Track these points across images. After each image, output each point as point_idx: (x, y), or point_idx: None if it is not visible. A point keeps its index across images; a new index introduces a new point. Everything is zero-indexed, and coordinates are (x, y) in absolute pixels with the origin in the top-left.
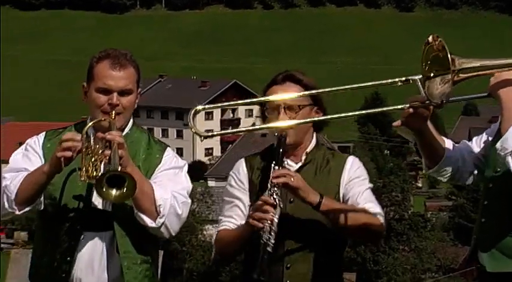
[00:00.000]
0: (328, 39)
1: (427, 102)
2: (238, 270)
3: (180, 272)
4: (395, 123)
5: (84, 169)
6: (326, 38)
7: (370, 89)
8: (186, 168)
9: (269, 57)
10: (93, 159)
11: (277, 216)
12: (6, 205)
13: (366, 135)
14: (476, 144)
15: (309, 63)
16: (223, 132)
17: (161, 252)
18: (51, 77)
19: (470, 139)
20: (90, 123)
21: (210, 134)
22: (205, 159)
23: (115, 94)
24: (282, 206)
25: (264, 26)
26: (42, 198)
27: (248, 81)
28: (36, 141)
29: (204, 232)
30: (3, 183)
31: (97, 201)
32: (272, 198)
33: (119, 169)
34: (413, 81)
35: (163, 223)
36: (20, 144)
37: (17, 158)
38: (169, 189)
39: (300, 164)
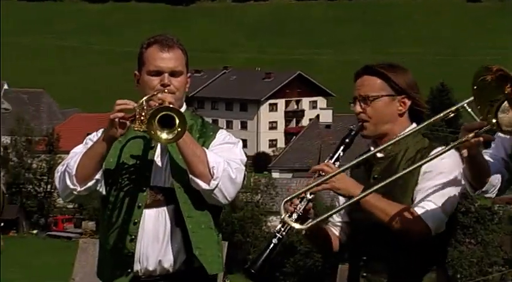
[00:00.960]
0: (393, 30)
1: (491, 128)
2: (302, 261)
3: (245, 263)
4: (464, 154)
5: (137, 122)
6: (391, 29)
7: (436, 79)
8: (240, 144)
9: (333, 48)
10: (142, 118)
11: (300, 210)
12: (68, 182)
13: (431, 127)
14: (497, 147)
15: (373, 54)
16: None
17: (225, 243)
18: (117, 68)
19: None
20: (144, 98)
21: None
22: (269, 151)
23: (166, 75)
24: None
25: (328, 17)
26: (103, 180)
27: (312, 72)
28: (95, 135)
29: (268, 223)
30: (63, 167)
31: (156, 179)
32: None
33: (170, 106)
34: (466, 106)
35: (217, 185)
36: (88, 134)
37: (77, 151)
38: (222, 156)
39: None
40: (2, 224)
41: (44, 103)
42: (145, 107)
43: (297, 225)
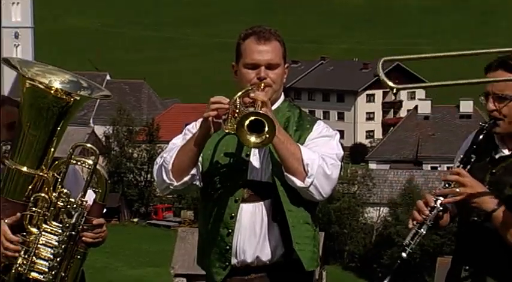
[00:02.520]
0: (493, 20)
1: None
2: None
3: (341, 254)
4: None
5: (229, 124)
6: (490, 18)
7: None
8: (337, 137)
9: (432, 38)
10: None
11: (431, 220)
12: (165, 177)
13: None
14: None
15: (473, 45)
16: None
17: (322, 234)
18: (215, 59)
19: None
20: (239, 93)
21: (400, 86)
22: (366, 142)
23: (262, 68)
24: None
25: (425, 6)
26: (199, 175)
27: (411, 63)
28: (194, 126)
29: (365, 215)
30: (160, 161)
31: (253, 174)
32: (435, 200)
33: (260, 111)
34: None
35: (312, 183)
36: (187, 125)
37: (176, 141)
38: (317, 152)
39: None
40: (105, 210)
41: (144, 94)
42: (238, 105)
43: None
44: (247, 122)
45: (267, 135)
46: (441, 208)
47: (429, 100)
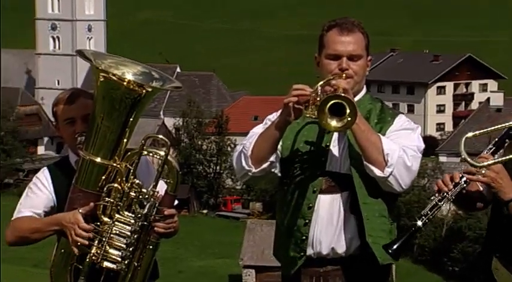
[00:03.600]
0: None
1: None
2: (471, 247)
3: (411, 247)
4: None
5: (310, 110)
6: None
7: None
8: (419, 130)
9: (507, 30)
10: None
11: (452, 196)
12: (244, 163)
13: None
14: None
15: None
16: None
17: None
18: (285, 52)
19: None
20: (320, 82)
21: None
22: (436, 135)
23: (344, 59)
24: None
25: None
26: (278, 163)
27: (483, 55)
28: (274, 116)
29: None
30: (240, 147)
31: (332, 165)
32: (461, 177)
33: (342, 94)
34: None
35: (391, 173)
36: (255, 118)
37: (257, 131)
38: (398, 143)
39: None
40: (176, 202)
41: (214, 86)
42: (319, 93)
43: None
44: (328, 106)
45: (349, 119)
46: (464, 185)
47: (501, 92)
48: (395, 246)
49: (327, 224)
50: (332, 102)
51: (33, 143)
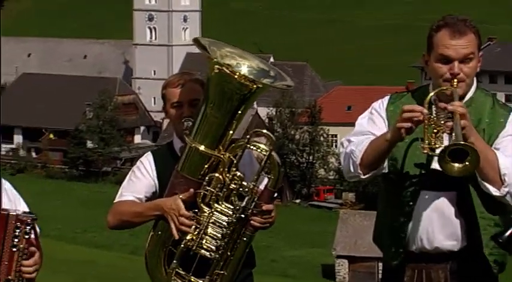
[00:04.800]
0: None
1: None
2: None
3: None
4: None
5: (426, 141)
6: None
7: None
8: None
9: None
10: (435, 131)
11: None
12: (352, 169)
13: None
14: None
15: None
16: None
17: None
18: (378, 42)
19: None
20: (432, 93)
21: None
22: None
23: (456, 63)
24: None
25: None
26: (385, 163)
27: None
28: (380, 105)
29: None
30: (348, 149)
31: (437, 163)
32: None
33: (462, 142)
34: None
35: (508, 192)
36: (348, 108)
37: (362, 121)
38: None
39: None
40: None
41: (307, 76)
42: (433, 116)
43: None
44: (448, 151)
45: (469, 164)
46: None
47: None
48: (506, 234)
49: (429, 222)
50: (452, 148)
51: (130, 132)
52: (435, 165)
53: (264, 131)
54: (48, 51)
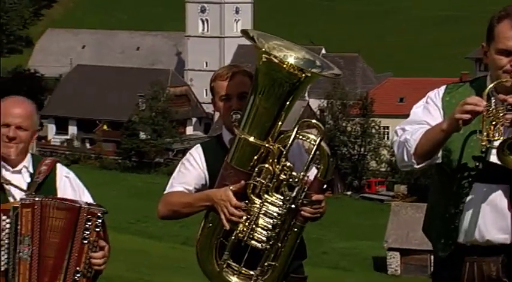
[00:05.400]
0: None
1: None
2: None
3: None
4: None
5: (484, 133)
6: None
7: None
8: None
9: None
10: (493, 123)
11: None
12: (406, 158)
13: None
14: None
15: None
16: None
17: None
18: (429, 33)
19: None
20: (491, 85)
21: None
22: None
23: None
24: None
25: None
26: (439, 153)
27: None
28: (436, 94)
29: None
30: (403, 138)
31: (493, 155)
32: None
33: None
34: None
35: None
36: (401, 100)
37: (418, 111)
38: None
39: None
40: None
41: (359, 67)
42: (492, 108)
43: None
44: (507, 144)
45: None
46: None
47: None
48: None
49: (482, 214)
50: (510, 141)
51: (182, 124)
52: (491, 157)
53: (313, 120)
54: (102, 43)
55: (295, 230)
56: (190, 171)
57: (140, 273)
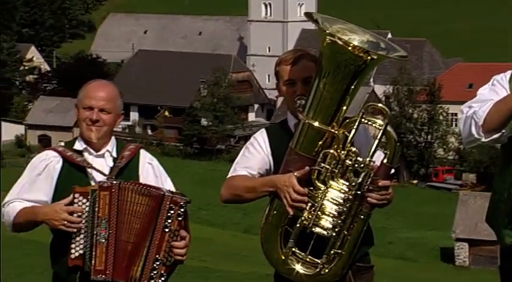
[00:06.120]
0: None
1: None
2: None
3: None
4: None
5: None
6: None
7: None
8: None
9: None
10: None
11: None
12: (474, 131)
13: None
14: None
15: None
16: None
17: None
18: (500, 17)
19: None
20: None
21: None
22: None
23: None
24: None
25: None
26: (507, 129)
27: None
28: (503, 77)
29: None
30: (470, 112)
31: None
32: None
33: None
34: None
35: None
36: (470, 86)
37: (484, 91)
38: None
39: None
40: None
41: (426, 52)
42: None
43: None
44: None
45: None
46: None
47: None
48: None
49: None
50: None
51: (244, 110)
52: None
53: (379, 104)
54: (164, 28)
55: (362, 217)
56: (254, 156)
57: (203, 262)
